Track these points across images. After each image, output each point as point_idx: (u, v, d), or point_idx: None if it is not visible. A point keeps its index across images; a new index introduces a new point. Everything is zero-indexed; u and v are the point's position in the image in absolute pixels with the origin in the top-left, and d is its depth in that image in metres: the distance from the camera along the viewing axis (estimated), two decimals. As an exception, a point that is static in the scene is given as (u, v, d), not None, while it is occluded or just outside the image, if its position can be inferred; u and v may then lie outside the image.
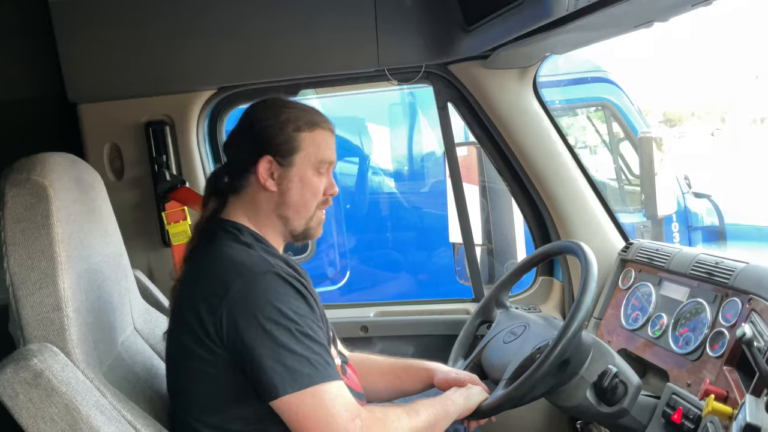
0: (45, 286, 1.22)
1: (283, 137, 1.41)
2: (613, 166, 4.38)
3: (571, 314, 1.41)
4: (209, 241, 1.39)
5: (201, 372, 1.30)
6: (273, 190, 1.42)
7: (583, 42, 1.79)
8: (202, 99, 2.17)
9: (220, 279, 1.28)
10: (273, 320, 1.23)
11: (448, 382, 1.61)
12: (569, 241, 1.71)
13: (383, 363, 1.74)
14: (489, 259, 2.74)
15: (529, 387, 1.41)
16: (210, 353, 1.27)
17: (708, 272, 1.63)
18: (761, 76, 37.48)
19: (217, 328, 1.25)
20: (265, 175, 1.41)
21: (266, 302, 1.25)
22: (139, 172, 2.20)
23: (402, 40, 2.00)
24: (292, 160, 1.41)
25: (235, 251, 1.33)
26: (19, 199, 1.23)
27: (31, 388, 1.12)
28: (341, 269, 4.09)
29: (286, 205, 1.43)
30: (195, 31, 2.03)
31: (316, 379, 1.23)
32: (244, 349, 1.24)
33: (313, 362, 1.24)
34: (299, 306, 1.28)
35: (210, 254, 1.35)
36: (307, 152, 1.42)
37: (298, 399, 1.22)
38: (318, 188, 1.45)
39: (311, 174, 1.43)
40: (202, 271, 1.34)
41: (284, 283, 1.29)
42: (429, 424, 1.38)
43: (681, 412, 1.45)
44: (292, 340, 1.23)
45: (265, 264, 1.30)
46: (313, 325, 1.29)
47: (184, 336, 1.31)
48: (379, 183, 4.34)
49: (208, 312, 1.26)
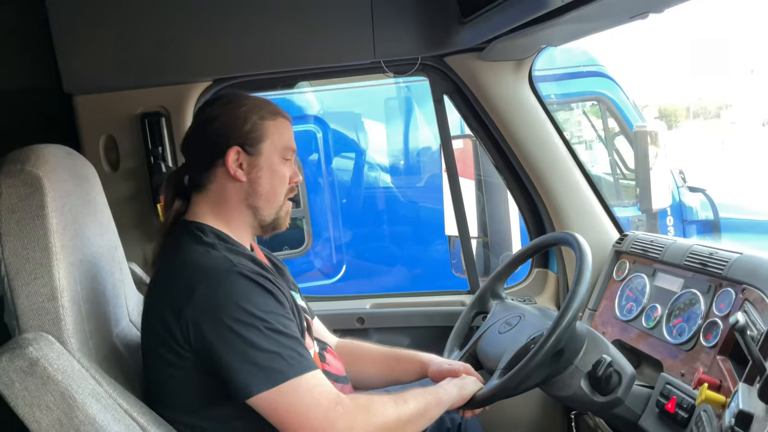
0: (40, 276, 1.22)
1: (249, 126, 1.41)
2: (608, 159, 4.39)
3: (565, 304, 1.42)
4: (173, 245, 1.38)
5: (172, 376, 1.30)
6: (243, 180, 1.41)
7: (579, 34, 1.80)
8: (198, 90, 2.16)
9: (184, 284, 1.27)
10: (240, 320, 1.22)
11: (441, 373, 1.61)
12: (564, 232, 1.71)
13: (376, 352, 1.75)
14: (485, 251, 2.75)
15: (523, 376, 1.42)
16: (179, 358, 1.27)
17: (702, 263, 1.64)
18: (757, 70, 37.57)
19: (184, 333, 1.24)
20: (234, 165, 1.40)
21: (231, 303, 1.24)
22: (134, 163, 2.19)
23: (398, 32, 2.00)
24: (260, 148, 1.42)
25: (197, 254, 1.32)
26: (13, 190, 1.23)
27: (27, 377, 1.12)
28: (337, 263, 4.10)
29: (257, 194, 1.43)
30: (191, 23, 2.03)
31: (290, 373, 1.22)
32: (212, 352, 1.23)
33: (285, 357, 1.23)
34: (266, 302, 1.28)
35: (173, 260, 1.35)
36: (273, 140, 1.43)
37: (275, 395, 1.21)
38: (285, 176, 1.46)
39: (278, 162, 1.44)
40: (167, 277, 1.34)
41: (248, 282, 1.28)
42: (418, 413, 1.37)
43: (675, 401, 1.46)
44: (261, 338, 1.22)
45: (227, 264, 1.29)
46: (282, 319, 1.28)
47: (153, 342, 1.31)
48: (374, 177, 4.34)
49: (174, 318, 1.25)
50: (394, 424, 1.31)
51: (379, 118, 4.38)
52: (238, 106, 1.42)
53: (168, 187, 1.49)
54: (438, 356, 1.71)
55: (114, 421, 1.17)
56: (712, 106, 33.45)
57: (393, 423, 1.31)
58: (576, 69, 4.25)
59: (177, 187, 1.49)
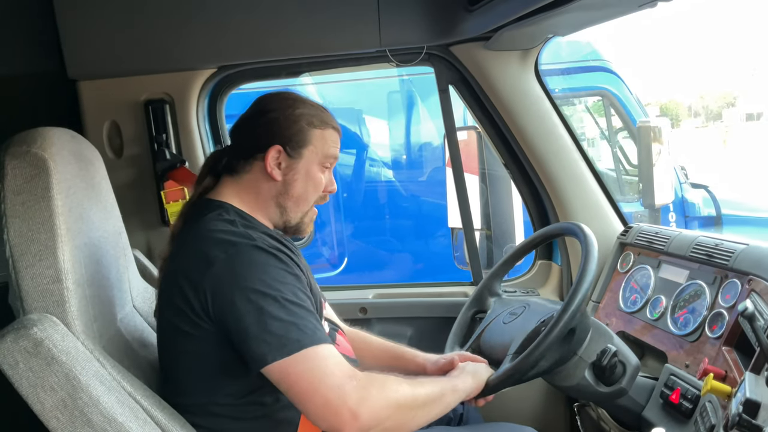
0: (45, 258, 1.22)
1: (295, 129, 1.43)
2: (611, 154, 4.38)
3: (574, 287, 1.40)
4: (194, 219, 1.39)
5: (189, 350, 1.30)
6: (278, 179, 1.44)
7: (586, 22, 1.79)
8: (203, 77, 2.16)
9: (203, 254, 1.28)
10: (257, 290, 1.23)
11: (441, 368, 1.61)
12: (569, 223, 1.70)
13: (379, 347, 1.74)
14: (487, 244, 2.74)
15: (537, 357, 1.38)
16: (197, 329, 1.28)
17: (708, 254, 1.63)
18: (758, 71, 37.59)
19: (202, 303, 1.25)
20: (273, 163, 1.43)
21: (249, 274, 1.25)
22: (138, 150, 2.19)
23: (404, 21, 1.99)
24: (302, 152, 1.44)
25: (217, 227, 1.34)
26: (19, 171, 1.22)
27: (31, 357, 1.11)
28: (339, 255, 4.10)
29: (288, 195, 1.45)
30: (196, 9, 2.02)
31: (306, 342, 1.22)
32: (230, 321, 1.24)
33: (301, 327, 1.23)
34: (283, 275, 1.29)
35: (193, 232, 1.35)
36: (316, 147, 1.45)
37: (289, 363, 1.20)
38: (320, 184, 1.48)
39: (316, 169, 1.47)
40: (186, 248, 1.34)
41: (267, 254, 1.29)
42: (434, 396, 1.35)
43: (679, 392, 1.45)
44: (277, 308, 1.23)
45: (247, 238, 1.31)
46: (299, 292, 1.29)
47: (170, 314, 1.32)
48: (377, 171, 4.33)
49: (192, 288, 1.26)
50: (409, 402, 1.28)
51: (382, 111, 4.38)
52: (292, 107, 1.45)
53: (206, 163, 1.53)
54: (434, 354, 1.70)
55: (118, 403, 1.17)
56: (714, 105, 33.42)
57: (408, 401, 1.28)
58: (580, 63, 4.23)
59: (214, 164, 1.51)
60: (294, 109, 1.45)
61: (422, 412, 1.32)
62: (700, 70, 51.84)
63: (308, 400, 1.20)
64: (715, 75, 46.89)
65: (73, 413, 1.13)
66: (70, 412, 1.13)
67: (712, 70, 48.88)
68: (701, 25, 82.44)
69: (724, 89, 37.39)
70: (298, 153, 1.44)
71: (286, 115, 1.44)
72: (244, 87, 2.40)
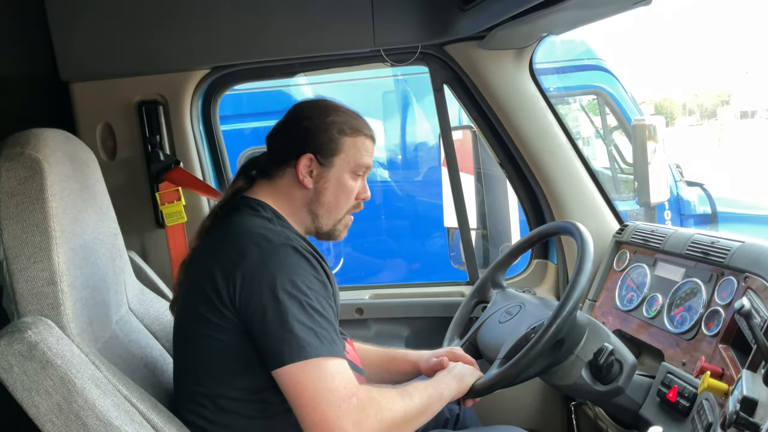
0: (39, 260, 1.21)
1: (326, 138, 1.45)
2: (606, 152, 4.39)
3: (566, 293, 1.41)
4: (230, 214, 1.42)
5: (210, 338, 1.31)
6: (309, 188, 1.46)
7: (581, 21, 1.79)
8: (196, 78, 2.15)
9: (238, 246, 1.30)
10: (285, 290, 1.25)
11: (432, 368, 1.62)
12: (566, 221, 1.71)
13: (370, 354, 1.75)
14: (483, 243, 2.74)
15: (523, 366, 1.41)
16: (221, 318, 1.29)
17: (703, 252, 1.64)
18: (752, 71, 37.76)
19: (230, 293, 1.27)
20: (304, 171, 1.44)
21: (281, 272, 1.26)
22: (132, 152, 2.18)
23: (398, 20, 1.98)
24: (333, 161, 1.46)
25: (255, 223, 1.37)
26: (12, 173, 1.22)
27: (26, 361, 1.11)
28: (335, 256, 4.09)
29: (320, 203, 1.47)
30: (189, 10, 2.01)
31: (322, 351, 1.23)
32: (254, 314, 1.25)
33: (319, 335, 1.24)
34: (312, 281, 1.30)
35: (229, 225, 1.38)
36: (348, 155, 1.47)
37: (300, 369, 1.22)
38: (352, 192, 1.50)
39: (348, 177, 1.48)
40: (220, 239, 1.36)
41: (300, 257, 1.31)
42: (422, 407, 1.38)
43: (676, 390, 1.45)
44: (301, 312, 1.24)
45: (283, 237, 1.33)
46: (323, 301, 1.30)
47: (196, 302, 1.32)
48: (372, 171, 4.32)
49: (223, 277, 1.28)
50: (400, 419, 1.31)
51: (377, 111, 4.37)
52: (325, 115, 1.46)
53: (243, 165, 1.55)
54: (427, 351, 1.71)
55: (113, 407, 1.16)
56: (709, 103, 33.52)
57: (399, 418, 1.31)
58: (574, 62, 4.24)
59: (249, 167, 1.53)
60: (326, 117, 1.46)
61: (412, 425, 1.36)
62: (694, 68, 52.15)
63: (308, 412, 1.22)
64: (710, 73, 47.20)
65: (69, 417, 1.12)
66: (65, 416, 1.12)
67: (707, 69, 49.18)
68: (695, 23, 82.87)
69: (718, 87, 37.49)
70: (329, 161, 1.45)
71: (317, 123, 1.45)
72: (238, 87, 2.39)
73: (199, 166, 2.23)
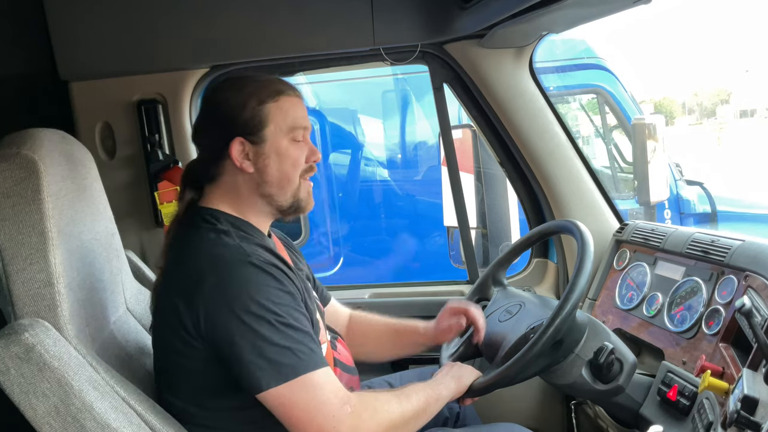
0: (36, 262, 1.20)
1: (248, 114, 1.34)
2: (606, 151, 4.39)
3: (566, 293, 1.40)
4: (186, 231, 1.35)
5: (182, 365, 1.28)
6: (250, 171, 1.36)
7: (581, 19, 1.78)
8: (195, 77, 2.15)
9: (196, 272, 1.24)
10: (251, 312, 1.20)
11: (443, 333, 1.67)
12: (566, 220, 1.70)
13: (380, 328, 1.75)
14: (483, 242, 2.74)
15: (521, 367, 1.40)
16: (188, 347, 1.25)
17: (704, 251, 1.63)
18: (752, 69, 37.80)
19: (195, 323, 1.22)
20: (240, 157, 1.35)
21: (243, 294, 1.21)
22: (131, 151, 2.17)
23: (398, 19, 1.98)
24: (263, 135, 1.35)
25: (210, 243, 1.29)
26: (8, 174, 1.21)
27: (23, 363, 1.10)
28: (334, 256, 4.09)
29: (268, 183, 1.37)
30: (188, 9, 2.01)
31: (301, 369, 1.20)
32: (223, 343, 1.21)
33: (296, 352, 1.21)
34: (278, 295, 1.24)
35: (186, 246, 1.31)
36: (276, 123, 1.35)
37: (285, 390, 1.19)
38: (297, 158, 1.38)
39: (287, 144, 1.37)
40: (179, 264, 1.31)
41: (262, 273, 1.24)
42: (420, 409, 1.36)
43: (676, 389, 1.45)
44: (272, 332, 1.20)
45: (241, 254, 1.26)
46: (294, 313, 1.25)
47: (164, 329, 1.29)
48: (372, 171, 4.32)
49: (186, 306, 1.23)
50: (398, 421, 1.30)
51: (377, 110, 4.37)
52: (238, 92, 1.35)
53: (183, 177, 1.45)
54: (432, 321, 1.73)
55: (111, 409, 1.16)
56: (708, 103, 33.51)
57: (397, 420, 1.30)
58: (574, 61, 4.24)
59: (190, 177, 1.44)
60: (239, 93, 1.35)
61: (410, 426, 1.34)
62: (694, 67, 52.19)
63: (303, 427, 1.21)
64: (709, 72, 47.17)
65: (66, 419, 1.11)
66: (62, 418, 1.11)
67: (706, 68, 49.20)
68: (695, 22, 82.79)
69: (718, 86, 37.49)
70: (259, 137, 1.34)
71: (234, 103, 1.34)
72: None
73: (197, 165, 2.22)
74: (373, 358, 1.73)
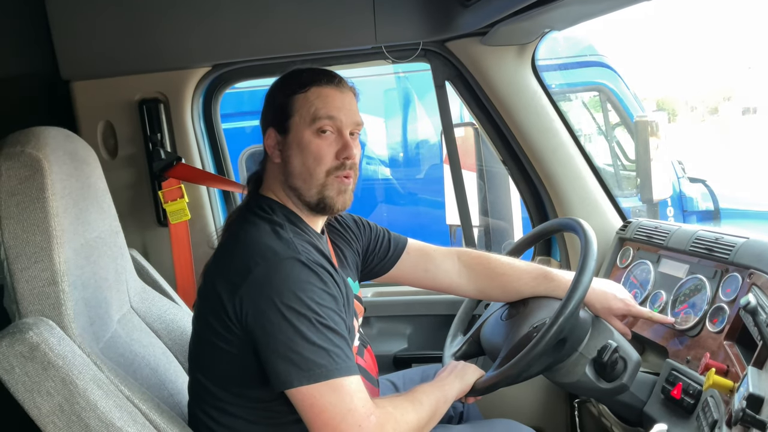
0: (40, 260, 1.21)
1: (276, 104, 1.37)
2: (609, 149, 4.38)
3: (569, 292, 1.40)
4: (243, 217, 1.37)
5: (219, 347, 1.27)
6: (277, 162, 1.38)
7: (583, 16, 1.78)
8: (197, 76, 2.15)
9: (244, 261, 1.24)
10: (293, 308, 1.19)
11: None
12: (569, 218, 1.69)
13: (522, 275, 1.68)
14: (486, 240, 2.74)
15: (524, 366, 1.39)
16: (229, 332, 1.25)
17: (708, 248, 1.63)
18: (754, 66, 37.76)
19: (236, 310, 1.22)
20: (270, 146, 1.39)
21: (287, 289, 1.20)
22: (133, 150, 2.18)
23: (399, 17, 1.98)
24: (288, 125, 1.35)
25: (262, 233, 1.29)
26: (13, 172, 1.21)
27: (27, 362, 1.10)
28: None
29: (291, 174, 1.37)
30: (190, 8, 2.01)
31: (334, 372, 1.19)
32: (260, 333, 1.20)
33: (332, 354, 1.20)
34: (322, 296, 1.23)
35: (239, 234, 1.32)
36: (300, 114, 1.34)
37: (314, 391, 1.18)
38: (320, 152, 1.34)
39: (309, 136, 1.34)
40: (229, 250, 1.32)
41: (308, 271, 1.24)
42: (432, 413, 1.36)
43: (681, 387, 1.44)
44: (311, 331, 1.19)
45: (290, 250, 1.26)
46: (334, 316, 1.24)
47: (206, 311, 1.30)
48: (374, 169, 4.32)
49: (229, 292, 1.23)
50: (415, 429, 1.30)
51: (379, 109, 4.36)
52: (276, 84, 1.40)
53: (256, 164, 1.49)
54: None
55: (116, 407, 1.16)
56: (711, 100, 33.45)
57: (415, 429, 1.29)
58: (577, 59, 4.23)
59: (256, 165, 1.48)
60: (276, 84, 1.39)
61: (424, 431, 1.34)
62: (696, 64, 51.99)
63: None
64: (712, 70, 47.06)
65: (70, 418, 1.12)
66: (67, 417, 1.12)
67: (709, 65, 49.06)
68: (698, 19, 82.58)
69: (720, 84, 37.41)
70: (285, 127, 1.35)
71: (270, 94, 1.40)
72: (239, 85, 2.39)
73: (200, 164, 2.23)
74: (485, 295, 1.72)
